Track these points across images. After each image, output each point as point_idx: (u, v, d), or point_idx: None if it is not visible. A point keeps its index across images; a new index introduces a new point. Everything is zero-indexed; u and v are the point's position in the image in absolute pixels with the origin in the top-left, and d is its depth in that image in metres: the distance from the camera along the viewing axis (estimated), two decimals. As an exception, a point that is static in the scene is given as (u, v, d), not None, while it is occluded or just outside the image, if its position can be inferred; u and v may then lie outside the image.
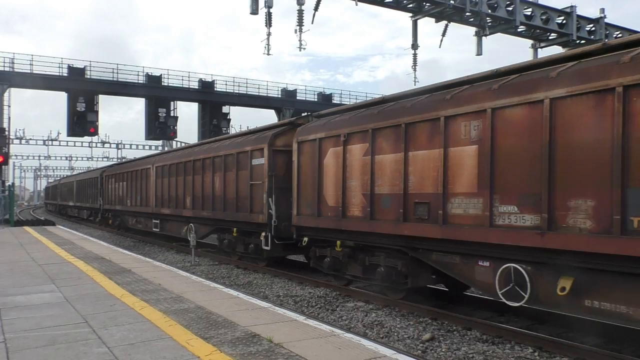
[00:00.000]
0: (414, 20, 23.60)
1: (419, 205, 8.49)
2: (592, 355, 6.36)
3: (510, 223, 7.02)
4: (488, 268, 7.49)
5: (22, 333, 5.55)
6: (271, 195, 12.76)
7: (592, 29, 26.04)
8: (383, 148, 9.28)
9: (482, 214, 7.38)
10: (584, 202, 6.19)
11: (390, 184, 9.09)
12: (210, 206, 16.10)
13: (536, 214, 6.67)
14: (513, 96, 7.01)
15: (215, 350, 4.96)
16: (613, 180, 5.86)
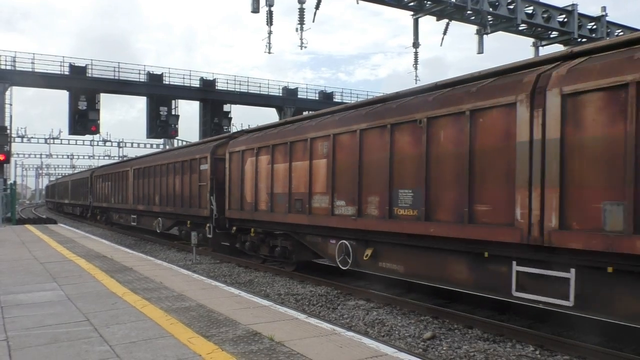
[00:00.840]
0: (415, 19, 23.57)
1: (297, 201, 11.70)
2: (592, 353, 6.37)
3: (342, 213, 10.29)
4: (334, 244, 10.72)
5: (24, 331, 5.57)
6: (212, 194, 15.86)
7: (594, 27, 26.00)
8: (278, 159, 12.51)
9: (328, 207, 10.63)
10: (374, 198, 9.45)
11: (282, 186, 12.27)
12: (172, 203, 19.41)
13: (353, 206, 9.89)
14: (346, 126, 10.28)
15: (217, 348, 4.97)
16: (387, 184, 9.06)
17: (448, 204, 7.98)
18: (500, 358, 6.40)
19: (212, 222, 15.83)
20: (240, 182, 14.21)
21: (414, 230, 8.54)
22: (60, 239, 17.43)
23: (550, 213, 6.48)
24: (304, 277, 12.22)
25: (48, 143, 60.17)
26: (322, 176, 10.81)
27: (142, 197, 23.04)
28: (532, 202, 6.70)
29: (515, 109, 6.98)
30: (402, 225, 8.75)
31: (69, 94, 30.59)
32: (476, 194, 7.53)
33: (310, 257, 12.53)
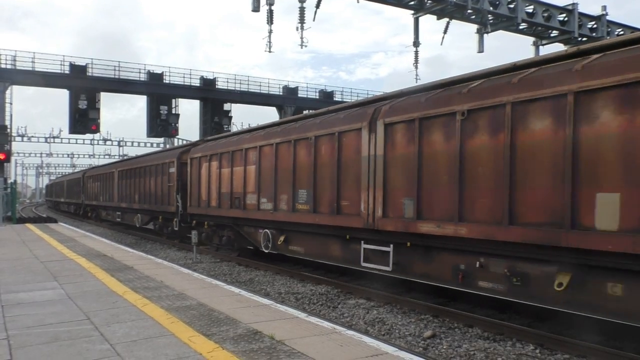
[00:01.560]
0: (415, 18, 23.57)
1: (236, 198, 14.40)
2: (593, 352, 6.38)
3: (265, 208, 12.94)
4: (260, 233, 13.52)
5: (25, 330, 5.58)
6: (178, 193, 18.75)
7: (594, 27, 25.99)
8: (224, 165, 15.17)
9: (256, 203, 13.34)
10: (284, 196, 12.11)
11: (226, 186, 14.96)
12: (148, 201, 22.28)
13: (272, 203, 12.58)
14: (267, 139, 12.97)
15: (218, 347, 4.98)
16: (292, 185, 11.77)
17: (326, 200, 10.77)
18: (501, 357, 6.41)
19: (178, 217, 19.04)
20: (197, 183, 17.12)
21: (307, 220, 11.29)
22: (60, 237, 17.44)
23: (378, 206, 9.25)
24: (304, 276, 12.24)
25: (48, 142, 60.24)
26: (253, 179, 13.60)
27: (125, 195, 26.21)
28: (369, 199, 9.42)
29: (361, 133, 9.72)
30: (300, 216, 11.54)
31: (69, 93, 30.57)
32: (341, 193, 10.30)
33: (247, 245, 15.18)
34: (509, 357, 6.39)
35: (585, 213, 6.16)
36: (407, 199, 8.68)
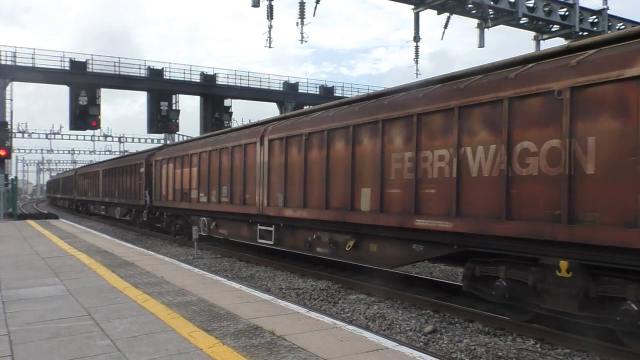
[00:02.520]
0: (416, 13, 23.46)
1: (184, 193, 18.16)
2: (593, 347, 6.38)
3: (202, 200, 16.65)
4: (201, 220, 17.12)
5: (25, 326, 5.58)
6: (146, 189, 22.42)
7: (595, 21, 25.88)
8: (177, 167, 19.00)
9: (197, 197, 16.97)
10: (214, 191, 15.80)
11: (178, 184, 18.84)
12: (125, 196, 26.43)
13: (206, 196, 16.28)
14: (203, 148, 16.82)
15: (218, 342, 4.98)
16: (218, 182, 15.46)
17: (238, 194, 14.42)
18: (501, 352, 6.41)
19: (146, 209, 22.88)
20: (160, 182, 21.00)
21: (228, 209, 15.08)
22: (61, 234, 17.46)
23: (264, 198, 12.94)
24: (305, 271, 12.24)
25: (49, 138, 60.17)
26: (195, 178, 17.34)
27: (108, 191, 30.46)
28: (260, 193, 13.16)
29: (256, 145, 13.48)
30: (224, 206, 15.26)
31: (70, 90, 30.56)
32: (246, 189, 13.98)
33: (201, 231, 17.84)
34: (509, 352, 6.39)
35: (356, 200, 9.86)
36: (279, 193, 12.41)
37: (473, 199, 7.55)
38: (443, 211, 8.01)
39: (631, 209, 5.69)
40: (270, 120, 14.75)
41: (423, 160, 8.44)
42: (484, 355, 6.33)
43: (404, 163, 8.82)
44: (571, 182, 6.28)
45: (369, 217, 9.50)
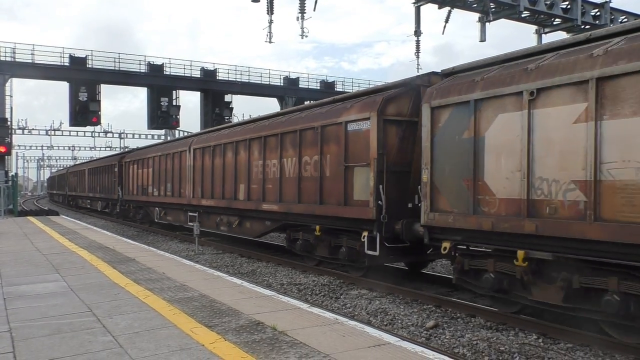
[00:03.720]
0: (416, 7, 23.35)
1: (144, 189, 22.85)
2: (596, 341, 6.36)
3: (155, 194, 21.52)
4: (156, 209, 21.89)
5: (27, 322, 5.58)
6: (119, 185, 27.47)
7: (598, 14, 25.75)
8: (139, 167, 23.75)
9: (152, 192, 21.88)
10: (162, 187, 20.74)
11: (141, 181, 23.54)
12: (104, 192, 31.92)
13: (157, 191, 21.25)
14: (156, 153, 21.94)
15: (220, 338, 4.97)
16: (165, 181, 20.54)
17: (176, 189, 19.18)
18: (503, 346, 6.40)
19: (119, 202, 27.68)
20: (128, 179, 25.95)
21: (171, 201, 19.85)
22: (62, 230, 17.46)
23: (190, 192, 17.62)
24: (306, 267, 12.23)
25: (49, 135, 60.12)
26: (151, 177, 22.29)
27: (91, 188, 36.14)
28: (189, 188, 17.68)
29: (186, 153, 18.09)
30: (168, 199, 20.15)
31: (70, 86, 30.46)
32: (181, 185, 18.66)
33: (150, 218, 23.46)
34: (512, 347, 6.38)
35: (237, 193, 14.59)
36: (199, 187, 17.14)
37: (286, 190, 12.32)
38: (275, 198, 12.77)
39: (341, 195, 10.37)
40: (197, 133, 21.05)
41: (267, 166, 13.21)
42: (486, 350, 6.32)
43: (259, 168, 13.59)
44: (322, 182, 11.02)
45: (243, 204, 14.31)
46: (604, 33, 6.89)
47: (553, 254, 6.71)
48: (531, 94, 6.86)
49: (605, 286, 6.18)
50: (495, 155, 7.40)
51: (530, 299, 7.14)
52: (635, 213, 5.75)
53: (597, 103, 6.15)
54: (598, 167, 6.13)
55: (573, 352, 6.22)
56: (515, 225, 6.94)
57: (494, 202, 7.36)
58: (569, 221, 6.37)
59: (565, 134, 6.51)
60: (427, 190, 8.35)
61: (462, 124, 7.88)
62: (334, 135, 10.61)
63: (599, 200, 6.12)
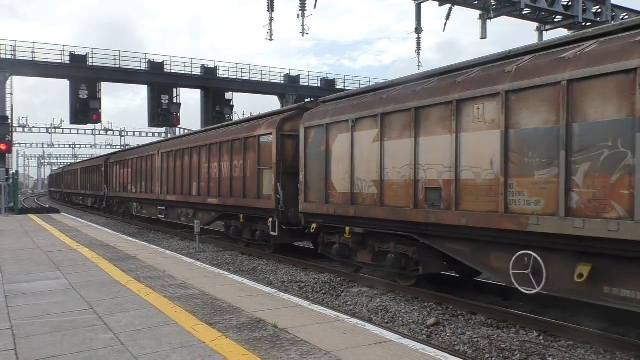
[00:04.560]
0: (417, 4, 23.31)
1: (125, 186, 26.95)
2: (597, 339, 6.36)
3: (133, 191, 25.33)
4: (135, 204, 25.94)
5: (28, 320, 5.58)
6: (105, 183, 30.90)
7: (599, 11, 25.69)
8: (121, 168, 27.84)
9: (130, 189, 25.82)
10: (138, 185, 24.32)
11: (122, 180, 27.40)
12: (93, 189, 35.51)
13: (135, 188, 25.03)
14: (132, 156, 25.85)
15: (221, 335, 4.97)
16: (140, 180, 24.28)
17: (149, 187, 22.53)
18: (504, 344, 6.40)
19: (105, 198, 31.42)
20: (112, 178, 29.55)
21: (145, 197, 23.13)
22: (63, 228, 17.48)
23: (159, 189, 21.23)
24: (307, 264, 12.24)
25: (50, 133, 60.08)
26: (130, 176, 25.69)
27: (83, 185, 40.34)
28: (158, 186, 21.34)
29: (156, 156, 21.74)
30: (143, 195, 23.20)
31: (70, 83, 30.47)
32: (153, 183, 21.97)
33: (130, 212, 27.10)
34: (512, 344, 6.38)
35: (192, 190, 17.92)
36: (165, 185, 20.48)
37: (223, 187, 15.62)
38: (216, 194, 16.06)
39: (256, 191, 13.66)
40: (165, 139, 25.78)
41: (210, 168, 16.51)
42: (486, 347, 6.32)
43: (205, 170, 16.86)
44: (245, 180, 14.23)
45: (195, 198, 17.71)
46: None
47: (364, 229, 9.96)
48: (353, 122, 10.03)
49: (389, 249, 9.41)
50: (337, 163, 10.53)
51: (357, 261, 10.54)
52: (398, 200, 8.96)
53: (382, 130, 9.28)
54: (383, 171, 9.25)
55: (574, 350, 6.23)
56: (346, 210, 10.19)
57: (336, 195, 10.60)
58: (370, 207, 9.55)
59: (368, 149, 9.61)
60: (302, 187, 11.62)
61: (320, 140, 11.03)
62: (252, 145, 13.85)
63: (383, 193, 9.27)
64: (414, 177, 8.60)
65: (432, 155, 8.31)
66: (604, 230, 5.93)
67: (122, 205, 28.64)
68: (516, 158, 6.99)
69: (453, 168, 7.85)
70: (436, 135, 8.25)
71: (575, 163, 6.30)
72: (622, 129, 5.83)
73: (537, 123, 6.73)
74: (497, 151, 7.20)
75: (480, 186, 7.50)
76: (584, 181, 6.21)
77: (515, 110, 6.99)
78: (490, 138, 7.34)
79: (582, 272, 6.22)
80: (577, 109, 6.29)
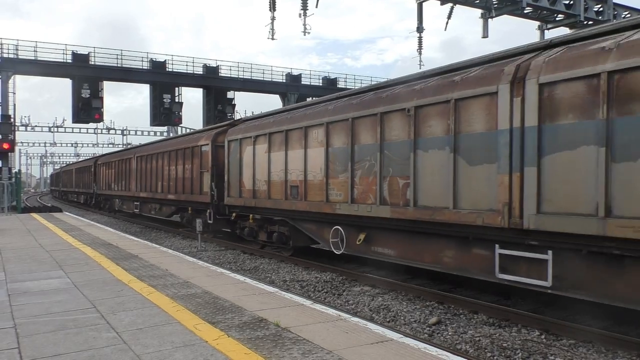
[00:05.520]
0: (419, 3, 23.30)
1: (110, 185, 30.62)
2: (598, 337, 6.37)
3: (116, 189, 28.98)
4: (117, 201, 29.62)
5: (31, 318, 5.60)
6: (94, 182, 34.76)
7: (600, 10, 25.64)
8: (107, 168, 31.43)
9: (118, 188, 28.33)
10: (119, 184, 28.48)
11: (108, 179, 31.01)
12: (85, 187, 39.80)
13: (117, 187, 28.57)
14: (117, 158, 29.95)
15: (223, 334, 4.99)
16: (121, 179, 27.96)
17: (126, 186, 26.41)
18: (506, 343, 6.41)
19: (94, 196, 35.50)
20: (100, 178, 33.23)
21: (125, 194, 26.85)
22: (65, 227, 17.51)
23: (135, 187, 25.02)
24: (309, 263, 12.25)
25: (52, 131, 60.19)
26: (114, 176, 28.73)
27: (77, 184, 44.84)
28: (135, 185, 24.94)
29: (132, 160, 25.60)
30: (124, 192, 27.09)
31: (72, 82, 30.53)
32: (130, 182, 25.82)
33: (115, 207, 30.00)
34: (514, 343, 6.39)
35: (158, 188, 21.72)
36: (139, 185, 23.83)
37: (178, 186, 18.97)
38: (174, 191, 19.42)
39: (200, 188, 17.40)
40: (139, 145, 29.83)
41: (170, 170, 19.83)
42: (488, 346, 6.33)
43: (167, 171, 20.32)
44: (192, 180, 17.87)
45: (161, 195, 21.19)
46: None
47: (261, 216, 13.69)
48: (254, 138, 13.68)
49: (275, 229, 13.26)
50: (246, 167, 14.16)
51: (259, 240, 14.30)
52: (277, 194, 12.54)
53: (269, 145, 12.91)
54: (270, 174, 12.86)
55: (576, 349, 6.23)
56: (250, 202, 13.82)
57: (245, 191, 14.18)
58: (263, 199, 13.14)
59: (263, 158, 13.20)
60: (226, 185, 15.27)
61: (236, 150, 14.64)
62: (197, 153, 17.63)
63: (270, 189, 12.88)
64: (284, 178, 12.22)
65: (294, 163, 11.93)
66: (366, 211, 9.60)
67: (108, 202, 32.43)
68: (331, 166, 10.65)
69: (304, 172, 11.48)
70: (296, 150, 11.89)
71: (355, 169, 9.92)
72: (374, 149, 9.41)
73: (340, 144, 10.39)
74: (323, 161, 10.84)
75: (316, 184, 11.15)
76: (359, 181, 9.83)
77: (331, 135, 10.66)
78: (320, 153, 10.98)
79: (360, 237, 10.01)
80: (356, 136, 9.94)
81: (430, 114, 8.30)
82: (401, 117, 8.84)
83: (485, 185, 7.34)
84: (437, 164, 8.12)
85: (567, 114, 6.34)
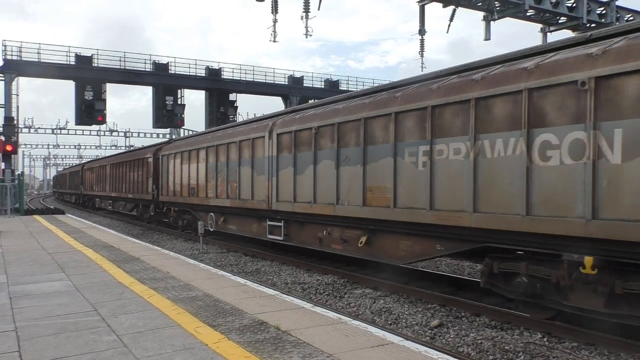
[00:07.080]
0: (421, 6, 23.29)
1: (94, 185, 37.56)
2: (601, 340, 6.34)
3: (108, 190, 32.66)
4: (98, 199, 37.98)
5: (32, 321, 5.60)
6: (82, 184, 43.35)
7: (603, 12, 25.60)
8: (94, 172, 38.12)
9: (105, 189, 33.23)
10: (106, 186, 33.37)
11: (96, 181, 36.52)
12: (75, 188, 46.80)
13: (110, 188, 32.38)
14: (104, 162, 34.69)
15: (223, 337, 4.98)
16: (114, 181, 30.79)
17: (103, 187, 33.91)
18: (508, 345, 6.39)
19: (81, 195, 42.77)
20: (87, 180, 39.21)
21: (101, 194, 34.74)
22: (68, 229, 17.54)
23: (108, 188, 32.76)
24: (311, 266, 12.24)
25: (55, 134, 60.28)
26: (95, 179, 36.52)
27: (69, 186, 52.09)
28: (109, 187, 32.69)
29: (107, 166, 33.00)
30: (100, 192, 34.70)
31: (75, 84, 30.56)
32: (105, 185, 33.20)
33: (96, 205, 37.99)
34: (516, 346, 6.37)
35: (123, 189, 29.12)
36: (111, 186, 30.78)
37: (134, 187, 25.73)
38: (132, 191, 25.49)
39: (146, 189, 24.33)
40: (113, 154, 32.49)
41: (130, 175, 25.57)
42: (490, 349, 6.30)
43: (128, 176, 26.30)
44: (142, 183, 24.69)
45: (125, 194, 27.40)
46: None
47: (178, 208, 20.34)
48: (174, 154, 19.60)
49: (186, 218, 19.56)
50: (170, 175, 19.97)
51: (179, 225, 20.17)
52: (185, 193, 18.57)
53: (181, 159, 19.07)
54: (181, 179, 18.96)
55: (578, 351, 6.20)
56: (172, 198, 20.20)
57: (170, 191, 20.04)
58: (178, 196, 19.53)
59: (179, 168, 18.99)
60: (161, 187, 20.85)
61: (166, 162, 20.51)
62: (146, 163, 23.41)
63: (182, 189, 18.93)
64: (188, 182, 18.11)
65: (194, 173, 17.68)
66: (223, 203, 15.73)
67: (91, 201, 39.97)
68: (208, 175, 16.54)
69: (196, 178, 17.37)
70: (193, 164, 17.74)
71: (214, 178, 16.21)
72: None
73: (212, 160, 16.32)
74: (203, 173, 16.82)
75: (200, 186, 17.06)
76: (219, 184, 16.02)
77: (209, 155, 16.49)
78: (203, 167, 16.98)
79: (221, 219, 16.30)
80: (218, 156, 15.88)
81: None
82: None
83: (262, 186, 13.40)
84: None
85: (290, 149, 12.36)
